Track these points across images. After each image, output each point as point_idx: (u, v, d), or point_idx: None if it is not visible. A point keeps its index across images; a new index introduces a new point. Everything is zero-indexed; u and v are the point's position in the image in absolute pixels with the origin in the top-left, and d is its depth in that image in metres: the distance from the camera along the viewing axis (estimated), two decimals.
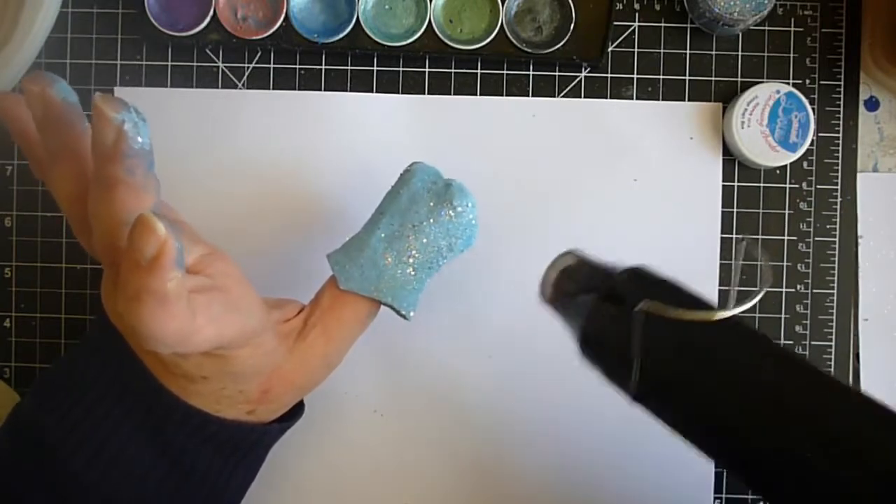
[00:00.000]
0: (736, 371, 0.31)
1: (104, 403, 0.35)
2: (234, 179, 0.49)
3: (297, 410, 0.41)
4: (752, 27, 0.49)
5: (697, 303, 0.33)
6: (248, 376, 0.35)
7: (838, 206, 0.49)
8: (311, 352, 0.38)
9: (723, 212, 0.49)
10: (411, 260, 0.39)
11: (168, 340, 0.28)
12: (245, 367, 0.35)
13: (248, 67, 0.50)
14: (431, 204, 0.39)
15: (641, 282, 0.34)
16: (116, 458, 0.34)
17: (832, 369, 0.49)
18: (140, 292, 0.27)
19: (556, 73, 0.49)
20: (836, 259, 0.49)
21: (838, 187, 0.50)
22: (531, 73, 0.50)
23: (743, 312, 0.31)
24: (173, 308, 0.28)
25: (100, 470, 0.34)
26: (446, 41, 0.48)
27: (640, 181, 0.49)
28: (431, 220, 0.39)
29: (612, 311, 0.33)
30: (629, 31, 0.50)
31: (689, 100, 0.49)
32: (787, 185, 0.49)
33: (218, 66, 0.50)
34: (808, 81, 0.49)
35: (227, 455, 0.37)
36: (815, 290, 0.49)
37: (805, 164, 0.49)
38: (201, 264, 0.34)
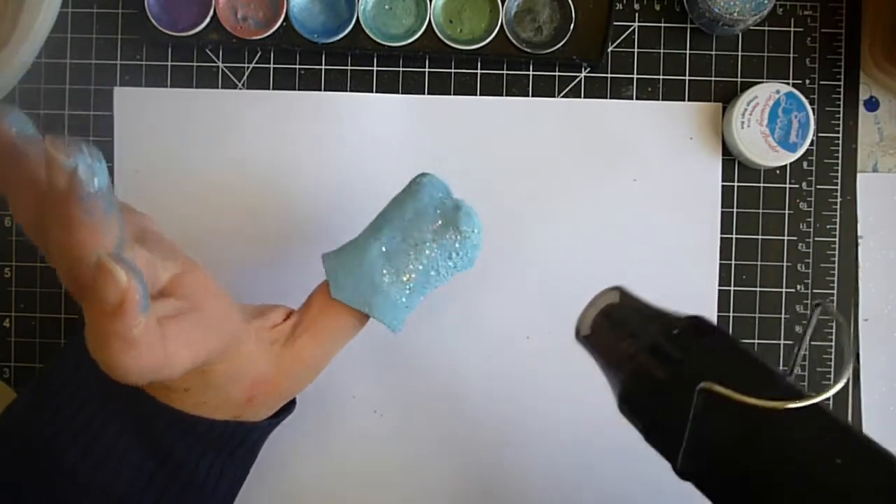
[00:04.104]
0: (802, 466, 0.27)
1: (93, 403, 0.35)
2: (233, 179, 0.49)
3: (286, 406, 0.41)
4: (751, 27, 0.49)
5: (767, 376, 0.29)
6: (231, 384, 0.35)
7: (838, 206, 0.49)
8: (299, 358, 0.38)
9: (723, 212, 0.49)
10: (407, 279, 0.38)
11: (141, 375, 0.28)
12: (226, 379, 0.35)
13: (248, 67, 0.50)
14: (438, 223, 0.38)
15: (699, 340, 0.30)
16: (106, 456, 0.34)
17: (832, 369, 0.49)
18: (108, 337, 0.26)
19: (556, 74, 0.49)
20: (836, 259, 0.49)
21: (838, 187, 0.50)
22: (531, 73, 0.50)
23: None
24: (142, 348, 0.27)
25: (92, 467, 0.34)
26: (446, 41, 0.48)
27: (640, 181, 0.49)
28: (434, 242, 0.37)
29: (661, 374, 0.29)
30: (629, 31, 0.50)
31: (688, 100, 0.49)
32: (787, 186, 0.49)
33: (218, 66, 0.50)
34: (808, 81, 0.49)
35: (215, 451, 0.37)
36: (815, 290, 0.49)
37: (805, 164, 0.49)
38: (174, 284, 0.33)
